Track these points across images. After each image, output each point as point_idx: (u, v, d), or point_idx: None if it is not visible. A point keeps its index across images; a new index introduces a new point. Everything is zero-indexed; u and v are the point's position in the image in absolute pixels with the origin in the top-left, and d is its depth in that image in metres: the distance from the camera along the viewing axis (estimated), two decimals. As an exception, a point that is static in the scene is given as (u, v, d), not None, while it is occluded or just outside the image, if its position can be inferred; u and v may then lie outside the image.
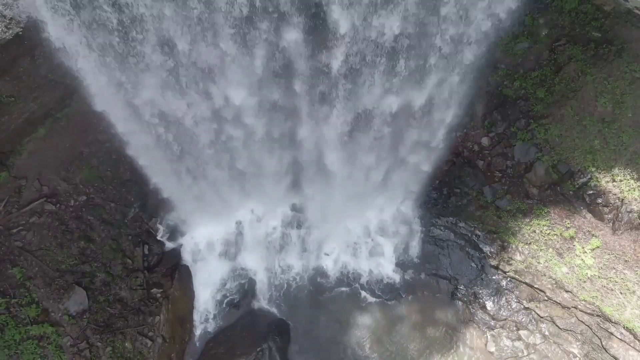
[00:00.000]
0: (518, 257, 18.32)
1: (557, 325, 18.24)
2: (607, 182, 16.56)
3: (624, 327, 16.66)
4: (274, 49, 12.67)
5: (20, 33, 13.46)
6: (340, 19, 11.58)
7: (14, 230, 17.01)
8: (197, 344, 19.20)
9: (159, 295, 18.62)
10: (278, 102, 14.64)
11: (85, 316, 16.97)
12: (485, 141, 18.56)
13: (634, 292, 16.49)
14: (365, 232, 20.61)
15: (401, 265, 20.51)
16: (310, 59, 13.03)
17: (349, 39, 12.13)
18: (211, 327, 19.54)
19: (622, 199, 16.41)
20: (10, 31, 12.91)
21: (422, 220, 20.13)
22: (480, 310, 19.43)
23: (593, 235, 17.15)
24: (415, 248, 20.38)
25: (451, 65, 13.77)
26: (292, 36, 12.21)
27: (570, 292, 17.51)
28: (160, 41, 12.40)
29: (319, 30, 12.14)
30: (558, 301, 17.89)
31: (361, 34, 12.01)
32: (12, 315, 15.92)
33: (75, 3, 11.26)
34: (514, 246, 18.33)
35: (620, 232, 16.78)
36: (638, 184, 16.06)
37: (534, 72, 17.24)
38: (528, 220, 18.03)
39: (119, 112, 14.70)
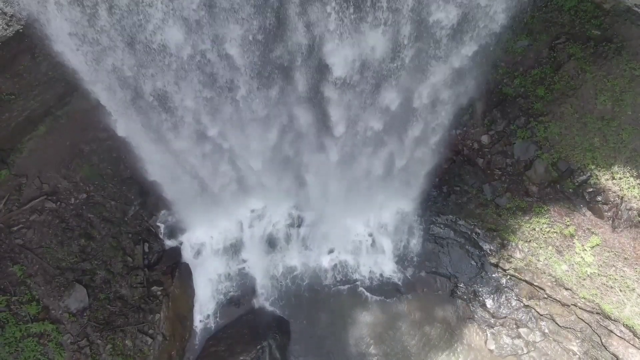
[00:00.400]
0: (518, 255, 18.35)
1: (556, 323, 18.26)
2: (607, 179, 16.58)
3: (623, 325, 16.67)
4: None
5: (21, 30, 13.50)
6: None
7: (15, 228, 17.05)
8: (198, 342, 19.24)
9: (159, 293, 18.65)
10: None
11: (85, 314, 17.01)
12: (485, 139, 18.59)
13: (633, 289, 16.51)
14: (365, 230, 20.63)
15: (401, 263, 20.55)
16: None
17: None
18: (211, 324, 19.58)
19: (622, 197, 16.44)
20: (11, 28, 12.92)
21: (422, 218, 20.15)
22: (480, 308, 19.46)
23: (593, 233, 17.17)
24: (415, 246, 20.41)
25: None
26: None
27: (570, 289, 17.54)
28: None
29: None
30: (558, 299, 17.92)
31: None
32: (12, 313, 15.95)
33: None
34: (513, 244, 18.36)
35: (620, 229, 16.80)
36: (638, 181, 16.07)
37: (533, 70, 17.28)
38: (528, 218, 18.05)
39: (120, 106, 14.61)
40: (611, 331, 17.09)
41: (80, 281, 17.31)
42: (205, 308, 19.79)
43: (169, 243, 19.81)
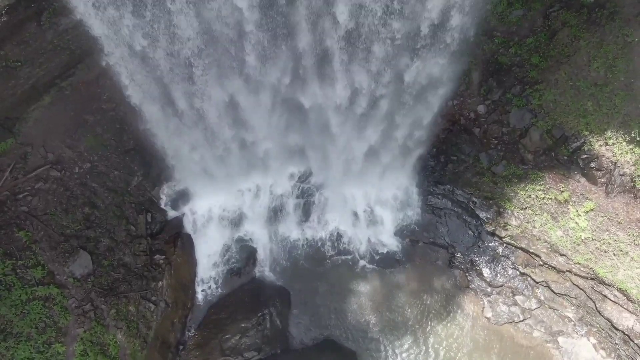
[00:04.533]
0: (514, 222, 18.67)
1: (552, 290, 18.58)
2: (600, 145, 16.91)
3: (617, 289, 16.99)
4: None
5: (27, -7, 13.87)
6: None
7: (20, 196, 17.39)
8: (200, 310, 19.58)
9: (161, 261, 18.99)
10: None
11: (89, 279, 17.33)
12: (481, 109, 18.91)
13: (626, 253, 16.82)
14: (364, 201, 20.94)
15: (399, 233, 20.86)
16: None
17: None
18: (213, 293, 19.92)
19: (615, 162, 16.76)
20: (18, -9, 13.26)
21: (419, 189, 20.47)
22: (477, 277, 19.78)
23: (587, 198, 17.50)
24: (413, 217, 20.73)
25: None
26: None
27: (565, 255, 17.86)
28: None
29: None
30: (553, 265, 18.24)
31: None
32: (18, 277, 16.27)
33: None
34: (509, 211, 18.68)
35: (614, 195, 17.12)
36: (630, 146, 16.38)
37: (528, 39, 17.59)
38: (523, 185, 18.37)
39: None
40: (605, 296, 17.40)
41: (84, 248, 17.64)
42: (207, 277, 20.12)
43: (172, 213, 20.16)
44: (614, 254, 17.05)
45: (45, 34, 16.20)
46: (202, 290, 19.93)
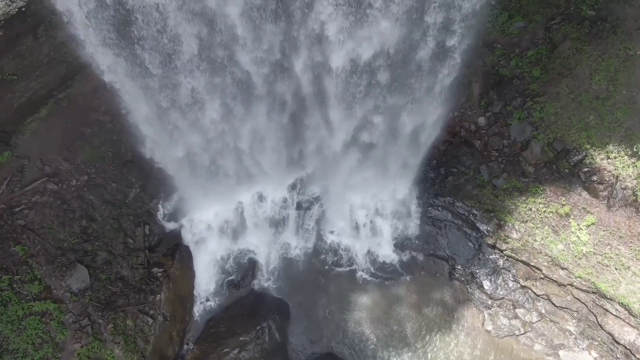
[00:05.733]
0: (514, 235, 18.53)
1: (553, 303, 18.45)
2: (602, 159, 16.78)
3: (619, 303, 16.86)
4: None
5: (24, 9, 13.71)
6: None
7: (17, 209, 17.24)
8: (198, 323, 19.42)
9: (159, 274, 18.83)
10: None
11: (87, 294, 17.17)
12: (482, 121, 18.79)
13: (628, 267, 16.71)
14: (364, 212, 20.78)
15: (399, 245, 20.73)
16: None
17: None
18: (212, 306, 19.77)
19: (617, 176, 16.64)
20: (14, 4, 13.14)
21: (419, 201, 20.33)
22: (478, 290, 19.64)
23: (588, 212, 17.37)
24: (413, 228, 20.59)
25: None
26: None
27: (566, 269, 17.73)
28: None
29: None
30: (554, 279, 18.11)
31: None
32: (15, 292, 16.13)
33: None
34: (510, 224, 18.55)
35: (615, 208, 17.00)
36: (632, 160, 16.27)
37: (529, 51, 17.49)
38: (524, 198, 18.25)
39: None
40: (607, 310, 17.28)
41: (81, 262, 17.48)
42: (205, 290, 19.97)
43: (170, 226, 19.99)
44: (616, 269, 16.92)
45: (41, 47, 16.04)
46: (201, 303, 19.77)
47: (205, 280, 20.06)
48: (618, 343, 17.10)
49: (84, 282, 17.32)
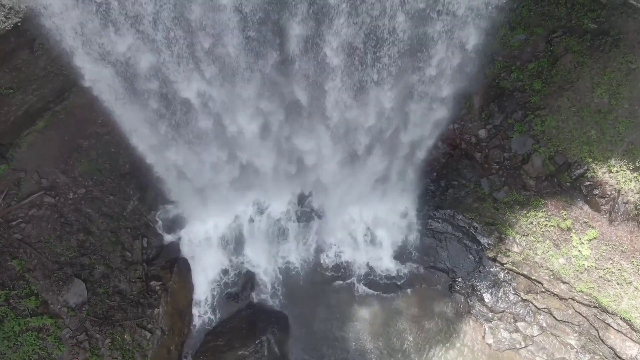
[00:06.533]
0: (515, 249, 18.39)
1: (554, 317, 18.31)
2: (604, 173, 16.64)
3: (620, 318, 16.73)
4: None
5: (20, 24, 13.57)
6: None
7: (14, 223, 17.11)
8: (196, 337, 19.27)
9: (158, 287, 18.69)
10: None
11: (84, 308, 17.05)
12: (482, 133, 18.64)
13: (630, 282, 16.57)
14: (364, 225, 20.65)
15: (399, 258, 20.57)
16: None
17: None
18: (210, 319, 19.62)
19: (619, 190, 16.49)
20: (10, 21, 13.02)
21: (420, 213, 20.18)
22: (478, 303, 19.49)
23: (590, 226, 17.23)
24: (413, 241, 20.43)
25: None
26: None
27: (568, 283, 17.58)
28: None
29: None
30: (555, 292, 17.96)
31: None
32: (11, 307, 16.01)
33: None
34: (511, 238, 18.40)
35: (617, 223, 16.86)
36: (634, 174, 16.13)
37: (530, 64, 17.33)
38: (525, 211, 18.10)
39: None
40: (608, 324, 17.14)
41: (79, 276, 17.35)
42: (204, 303, 19.82)
43: (168, 238, 19.84)
44: (618, 283, 16.78)
45: (37, 61, 15.91)
46: (199, 316, 19.62)
47: (204, 293, 19.91)
48: (620, 358, 16.95)
49: (81, 296, 17.18)
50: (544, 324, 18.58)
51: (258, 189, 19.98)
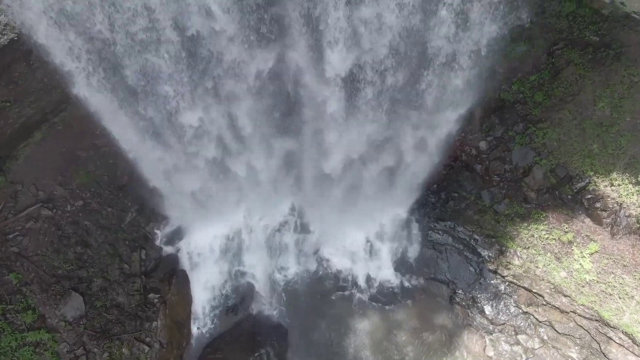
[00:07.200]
0: (516, 262, 18.25)
1: (555, 330, 18.16)
2: (606, 186, 16.49)
3: (622, 332, 16.58)
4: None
5: (16, 38, 13.44)
6: None
7: (10, 236, 17.00)
8: (195, 349, 19.14)
9: (156, 300, 18.56)
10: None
11: (82, 322, 16.93)
12: (483, 145, 18.50)
13: (632, 297, 16.42)
14: (364, 236, 20.53)
15: (399, 269, 20.45)
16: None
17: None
18: (209, 332, 19.50)
19: (621, 204, 16.35)
20: (5, 37, 12.90)
21: (420, 225, 20.04)
22: (479, 315, 19.35)
23: (591, 239, 17.08)
24: (413, 252, 20.30)
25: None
26: None
27: (569, 296, 17.44)
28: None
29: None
30: (557, 305, 17.82)
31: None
32: (8, 322, 15.88)
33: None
34: (512, 250, 18.27)
35: (619, 236, 16.71)
36: (636, 188, 15.98)
37: (532, 76, 17.17)
38: (526, 224, 17.95)
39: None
40: (610, 338, 16.99)
41: (76, 289, 17.23)
42: (202, 315, 19.70)
43: (167, 250, 19.71)
44: (620, 297, 16.64)
45: (35, 73, 15.76)
46: (198, 329, 19.50)
47: (203, 305, 19.79)
48: (621, 372, 16.82)
49: (78, 310, 17.06)
50: (545, 337, 18.44)
51: (257, 200, 19.83)
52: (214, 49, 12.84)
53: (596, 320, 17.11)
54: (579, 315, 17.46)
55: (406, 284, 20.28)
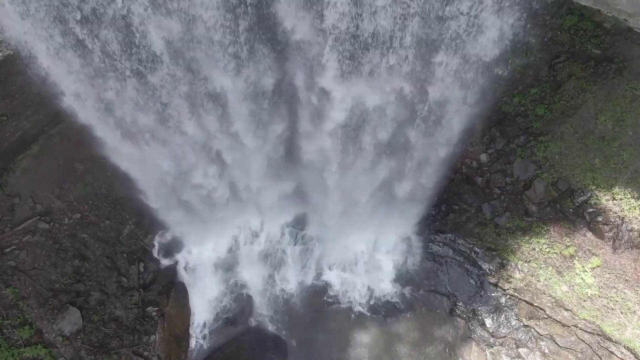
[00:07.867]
0: (517, 275, 18.12)
1: (556, 344, 18.03)
2: (608, 200, 16.36)
3: (624, 347, 16.45)
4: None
5: (12, 54, 13.29)
6: None
7: (7, 250, 16.86)
8: (194, 363, 19.00)
9: (154, 313, 18.42)
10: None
11: (79, 336, 16.80)
12: (484, 158, 18.36)
13: (634, 312, 16.28)
14: (364, 248, 20.39)
15: (400, 281, 20.30)
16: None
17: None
18: (208, 344, 19.35)
19: (623, 218, 16.21)
20: (1, 53, 12.76)
21: (420, 237, 19.91)
22: (480, 328, 19.22)
23: (593, 253, 16.95)
24: (413, 264, 20.16)
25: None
26: None
27: (570, 310, 17.31)
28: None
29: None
30: (558, 319, 17.69)
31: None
32: (4, 337, 15.77)
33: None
34: (513, 264, 18.13)
35: (621, 250, 16.58)
36: (639, 202, 15.85)
37: (533, 89, 17.04)
38: (527, 237, 17.82)
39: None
40: (612, 352, 16.85)
41: (74, 303, 17.11)
42: (201, 328, 19.54)
43: (165, 262, 19.56)
44: (621, 312, 16.51)
45: (31, 87, 15.56)
46: (197, 342, 19.34)
47: (202, 317, 19.63)
48: (623, 386, 16.69)
49: (76, 324, 16.92)
50: (546, 350, 18.29)
51: (256, 212, 19.67)
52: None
53: (598, 334, 16.98)
54: (580, 329, 17.33)
55: (406, 296, 20.14)
